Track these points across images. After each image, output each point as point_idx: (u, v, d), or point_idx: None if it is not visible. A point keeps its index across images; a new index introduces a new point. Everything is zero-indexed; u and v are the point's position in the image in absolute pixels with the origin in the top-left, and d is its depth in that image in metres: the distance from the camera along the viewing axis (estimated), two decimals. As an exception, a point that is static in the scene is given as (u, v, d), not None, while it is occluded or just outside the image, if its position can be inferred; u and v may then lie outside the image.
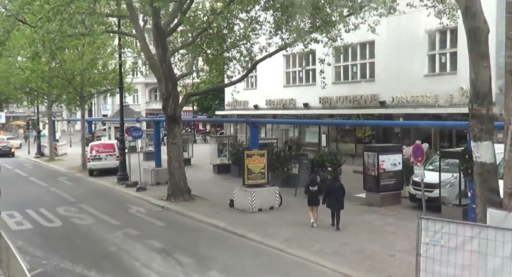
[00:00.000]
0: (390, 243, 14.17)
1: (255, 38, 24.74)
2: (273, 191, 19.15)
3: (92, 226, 17.60)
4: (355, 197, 20.71)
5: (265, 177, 19.09)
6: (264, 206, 18.80)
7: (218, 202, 20.71)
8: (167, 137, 21.95)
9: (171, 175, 21.66)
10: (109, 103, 77.20)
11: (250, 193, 18.57)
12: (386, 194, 18.81)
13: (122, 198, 23.46)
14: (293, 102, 35.55)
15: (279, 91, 36.68)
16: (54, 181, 29.56)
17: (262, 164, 18.98)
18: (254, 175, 18.94)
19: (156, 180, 26.21)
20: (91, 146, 30.98)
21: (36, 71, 32.23)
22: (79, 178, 30.90)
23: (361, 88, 30.01)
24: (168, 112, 21.49)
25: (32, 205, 21.23)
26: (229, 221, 17.31)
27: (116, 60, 35.65)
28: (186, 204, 20.84)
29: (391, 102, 27.68)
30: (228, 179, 27.62)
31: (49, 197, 24.03)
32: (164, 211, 20.32)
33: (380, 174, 18.71)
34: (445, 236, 7.85)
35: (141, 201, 22.34)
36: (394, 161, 19.01)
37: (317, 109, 33.01)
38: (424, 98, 25.82)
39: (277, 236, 15.25)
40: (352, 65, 30.99)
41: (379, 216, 17.50)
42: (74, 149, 50.95)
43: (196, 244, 14.95)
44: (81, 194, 24.41)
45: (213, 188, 24.62)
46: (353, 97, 30.26)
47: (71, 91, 34.44)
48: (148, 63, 22.80)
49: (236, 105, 42.12)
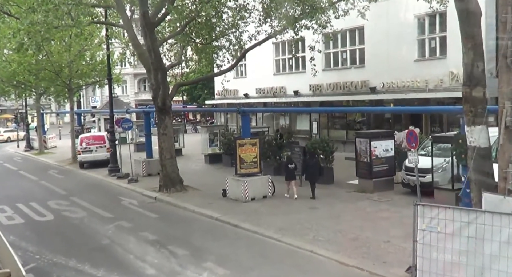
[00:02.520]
0: (384, 229, 14.15)
1: (244, 26, 24.55)
2: (265, 180, 19.08)
3: (84, 219, 17.44)
4: (348, 184, 20.73)
5: (258, 166, 19.00)
6: (257, 195, 18.73)
7: (211, 192, 20.61)
8: (158, 128, 21.77)
9: (163, 166, 21.52)
10: (97, 94, 76.70)
11: (243, 182, 18.48)
12: (379, 180, 18.80)
13: (114, 190, 23.30)
14: (284, 90, 35.43)
15: (269, 79, 36.52)
16: (44, 174, 29.31)
17: (254, 153, 18.88)
18: (246, 164, 18.85)
19: (147, 171, 26.07)
20: (81, 138, 30.75)
21: (23, 63, 31.86)
22: (70, 170, 30.67)
23: (351, 75, 29.92)
24: (158, 102, 21.29)
25: (23, 199, 21.01)
26: (222, 211, 17.22)
27: (104, 51, 35.36)
28: (178, 195, 20.72)
29: (382, 88, 27.61)
30: (220, 168, 27.52)
31: (40, 190, 23.81)
32: (157, 202, 20.19)
33: (372, 161, 18.68)
34: (442, 222, 7.80)
35: (133, 193, 22.19)
36: (386, 147, 18.98)
37: (307, 96, 32.91)
38: (415, 83, 25.78)
39: (271, 225, 15.19)
40: (342, 51, 30.89)
41: (372, 202, 17.49)
42: (63, 141, 50.64)
43: (190, 235, 14.85)
44: (72, 187, 24.21)
45: (205, 178, 24.51)
46: (344, 84, 30.17)
47: (59, 83, 34.06)
48: (137, 53, 22.55)
49: (226, 94, 41.94)
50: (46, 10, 17.18)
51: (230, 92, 40.89)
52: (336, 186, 20.66)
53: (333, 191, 19.69)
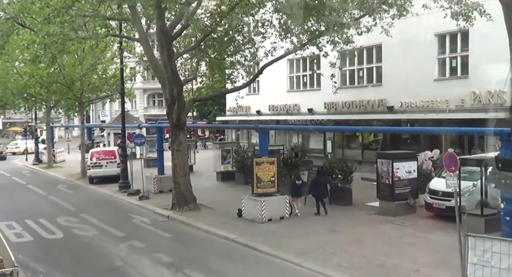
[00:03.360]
0: (411, 256, 13.41)
1: (261, 42, 24.09)
2: (283, 200, 18.40)
3: (95, 237, 16.81)
4: (368, 206, 20.01)
5: (275, 186, 18.33)
6: (274, 216, 18.04)
7: (225, 212, 19.94)
8: (172, 144, 21.19)
9: (176, 184, 20.89)
10: (107, 109, 76.41)
11: (260, 202, 17.80)
12: (401, 203, 18.06)
13: (124, 207, 22.67)
14: (297, 108, 34.83)
15: (283, 96, 35.97)
16: (53, 189, 28.75)
17: (272, 172, 18.23)
18: (263, 183, 18.19)
19: (159, 188, 25.45)
20: (92, 153, 30.21)
21: (34, 76, 31.51)
22: (79, 186, 30.09)
23: (368, 93, 29.30)
24: (173, 118, 20.73)
25: (31, 215, 20.43)
26: (239, 232, 16.53)
27: (116, 65, 35.02)
28: (191, 213, 20.05)
29: (400, 107, 26.97)
30: (233, 187, 26.88)
31: (48, 206, 23.24)
32: (169, 221, 19.53)
33: (394, 182, 17.97)
34: (496, 255, 7.12)
35: (144, 211, 21.55)
36: (409, 168, 18.28)
37: (322, 114, 32.28)
38: (434, 103, 25.11)
39: (291, 248, 14.49)
40: (359, 69, 30.30)
41: (396, 226, 16.74)
42: (72, 155, 50.18)
43: (206, 258, 14.18)
44: (82, 203, 23.61)
45: (218, 196, 23.83)
46: (360, 102, 29.55)
47: (70, 96, 33.64)
48: (152, 67, 22.07)
49: (238, 111, 41.35)
50: (61, 21, 16.74)
51: (242, 108, 40.26)
52: (355, 207, 19.94)
53: (352, 213, 18.97)
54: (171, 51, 19.36)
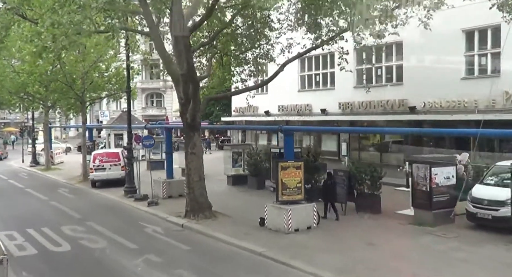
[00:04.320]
0: (468, 275, 11.90)
1: (276, 37, 22.65)
2: (310, 209, 16.82)
3: (105, 250, 15.17)
4: (399, 214, 18.46)
5: (301, 193, 16.77)
6: (300, 225, 16.47)
7: (244, 220, 18.37)
8: (185, 146, 19.61)
9: (190, 189, 19.30)
10: (105, 109, 74.61)
11: (286, 211, 16.23)
12: (440, 212, 16.52)
13: (133, 214, 21.06)
14: (309, 108, 33.34)
15: (293, 96, 34.46)
16: (53, 193, 27.10)
17: (298, 177, 16.67)
18: (289, 190, 16.61)
19: (168, 193, 23.87)
20: (94, 155, 28.57)
21: (34, 73, 29.88)
22: (81, 190, 28.44)
23: (387, 93, 27.82)
24: (187, 118, 19.15)
25: (33, 223, 18.78)
26: (265, 245, 14.95)
27: (118, 63, 33.43)
28: (208, 222, 18.47)
29: (423, 108, 25.51)
30: (245, 191, 25.33)
31: (50, 213, 21.61)
32: (185, 230, 17.93)
33: (432, 190, 16.44)
34: None
35: (155, 218, 19.94)
36: (447, 174, 16.75)
37: (336, 115, 30.80)
38: (462, 103, 23.67)
39: (328, 264, 12.93)
40: (377, 67, 28.77)
41: (438, 238, 15.18)
42: (70, 157, 48.63)
43: (234, 275, 12.62)
44: (86, 209, 22.00)
45: (231, 202, 22.21)
46: (378, 102, 28.07)
47: (71, 95, 31.99)
48: (164, 64, 20.50)
49: (245, 111, 39.87)
50: (68, 11, 15.13)
51: (249, 108, 38.73)
52: (385, 216, 18.39)
53: (384, 223, 17.41)
54: (188, 45, 17.74)
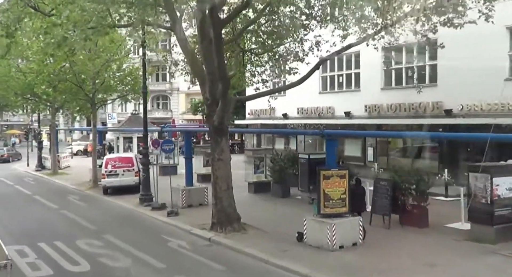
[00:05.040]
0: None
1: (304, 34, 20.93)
2: (356, 223, 15.08)
3: (130, 270, 13.45)
4: (449, 228, 16.73)
5: (346, 205, 15.03)
6: (345, 242, 14.72)
7: (277, 234, 16.63)
8: (212, 152, 17.88)
9: (218, 199, 17.55)
10: (109, 111, 72.87)
11: (330, 225, 14.48)
12: (501, 227, 14.76)
13: (152, 226, 19.31)
14: (331, 111, 31.60)
15: (314, 98, 32.69)
16: (63, 201, 25.37)
17: (342, 188, 14.93)
18: (332, 202, 14.88)
19: (187, 202, 22.15)
20: (106, 160, 26.83)
21: (42, 73, 28.20)
22: (92, 197, 26.68)
23: (419, 95, 25.91)
24: (214, 121, 17.42)
25: (44, 237, 17.06)
26: (309, 264, 13.20)
27: (130, 63, 31.80)
28: (237, 236, 16.72)
29: (460, 111, 23.76)
30: (270, 200, 23.58)
31: (62, 223, 19.86)
32: (213, 245, 16.17)
33: (494, 202, 14.68)
34: None
35: (177, 231, 18.19)
36: (510, 185, 15.00)
37: (362, 118, 29.03)
38: (506, 106, 21.95)
39: (390, 290, 11.22)
40: (407, 68, 27.05)
41: (506, 259, 13.42)
42: (76, 160, 46.93)
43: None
44: (101, 220, 20.28)
45: (258, 212, 20.41)
46: (409, 105, 26.32)
47: (81, 97, 30.28)
48: (188, 62, 18.78)
49: (260, 114, 38.20)
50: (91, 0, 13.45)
51: (265, 111, 37.09)
52: (434, 230, 16.59)
53: (437, 239, 15.60)
54: (221, 40, 15.96)
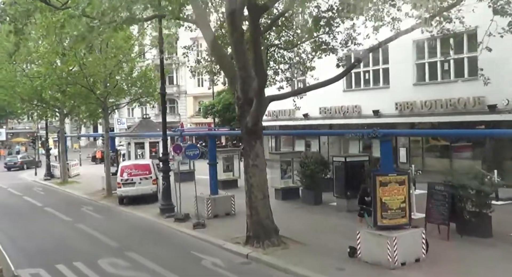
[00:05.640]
0: None
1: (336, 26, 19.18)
2: (418, 235, 13.22)
3: (165, 297, 11.63)
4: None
5: (406, 215, 13.16)
6: (407, 257, 12.84)
7: (323, 248, 14.78)
8: (245, 157, 16.03)
9: (253, 210, 15.71)
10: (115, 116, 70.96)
11: (390, 239, 12.60)
12: None
13: (179, 241, 17.42)
14: (357, 109, 29.73)
15: (338, 96, 30.72)
16: (77, 213, 23.57)
17: (401, 196, 13.06)
18: (391, 212, 13.00)
19: (213, 212, 20.32)
20: (122, 168, 25.06)
21: (50, 76, 26.43)
22: (108, 208, 24.87)
23: (457, 90, 24.17)
24: (247, 122, 15.59)
25: (61, 256, 15.28)
26: (372, 286, 11.38)
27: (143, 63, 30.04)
28: (278, 251, 14.87)
29: (506, 106, 21.87)
30: (301, 208, 21.72)
31: (79, 239, 18.03)
32: (252, 263, 14.31)
33: None
34: None
35: (208, 246, 16.31)
36: None
37: (392, 117, 27.15)
38: (559, 99, 20.07)
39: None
40: (443, 61, 25.15)
41: None
42: (85, 168, 45.21)
43: None
44: (121, 234, 18.45)
45: (293, 222, 18.40)
46: (446, 101, 24.43)
47: (92, 101, 28.50)
48: (215, 57, 16.96)
49: (278, 115, 36.36)
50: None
51: (284, 112, 35.29)
52: (500, 241, 14.61)
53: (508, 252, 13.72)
54: (259, 31, 14.11)
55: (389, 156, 14.96)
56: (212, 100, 56.88)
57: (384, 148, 15.14)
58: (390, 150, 15.23)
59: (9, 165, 51.43)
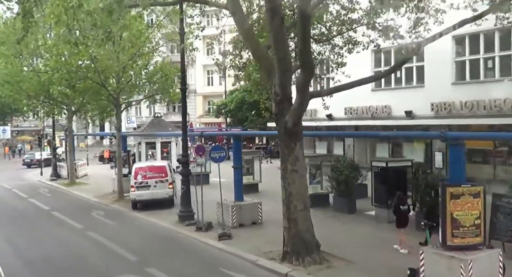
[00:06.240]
0: None
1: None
2: (495, 257, 11.22)
3: None
4: None
5: (481, 233, 11.16)
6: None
7: (371, 266, 12.90)
8: (283, 161, 14.05)
9: (292, 222, 13.74)
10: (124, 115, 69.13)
11: (464, 262, 10.61)
12: None
13: (205, 254, 15.39)
14: (387, 110, 27.67)
15: (366, 96, 28.59)
16: (87, 218, 21.64)
17: (476, 211, 11.07)
18: (463, 229, 11.01)
19: (238, 221, 18.38)
20: (136, 170, 23.11)
21: (59, 70, 24.54)
22: (120, 213, 22.93)
23: (501, 90, 22.09)
24: (287, 122, 13.62)
25: (74, 272, 13.36)
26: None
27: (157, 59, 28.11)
28: (322, 270, 12.91)
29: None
30: (334, 217, 19.77)
31: (92, 251, 16.02)
32: (293, 285, 12.38)
33: None
34: None
35: (239, 261, 14.34)
36: None
37: (427, 118, 25.10)
38: None
39: None
40: (485, 58, 23.11)
41: None
42: (92, 168, 43.34)
43: None
44: (139, 245, 16.45)
45: (330, 234, 16.31)
46: (490, 102, 22.39)
47: (104, 97, 26.57)
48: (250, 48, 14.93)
49: (298, 115, 34.28)
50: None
51: (306, 112, 33.11)
52: None
53: None
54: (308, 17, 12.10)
55: (460, 163, 12.93)
56: (224, 99, 55.05)
57: (454, 154, 13.11)
58: (462, 156, 13.19)
59: (27, 162, 51.18)
